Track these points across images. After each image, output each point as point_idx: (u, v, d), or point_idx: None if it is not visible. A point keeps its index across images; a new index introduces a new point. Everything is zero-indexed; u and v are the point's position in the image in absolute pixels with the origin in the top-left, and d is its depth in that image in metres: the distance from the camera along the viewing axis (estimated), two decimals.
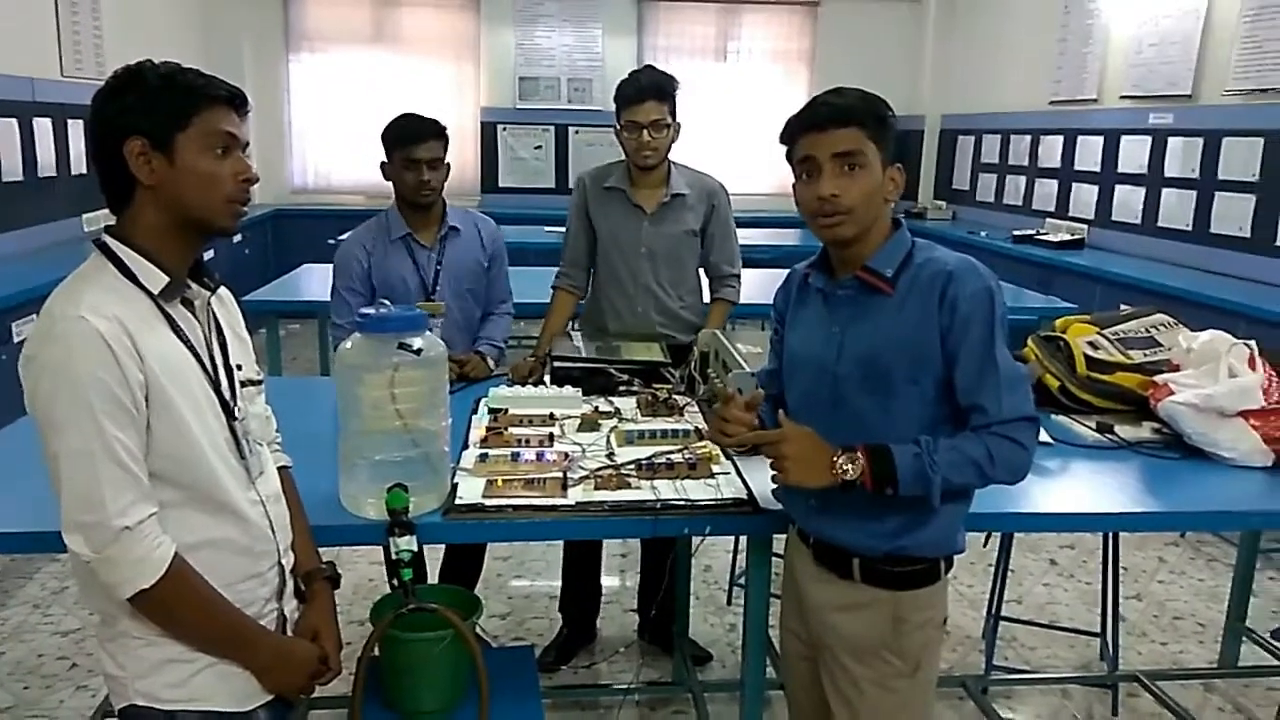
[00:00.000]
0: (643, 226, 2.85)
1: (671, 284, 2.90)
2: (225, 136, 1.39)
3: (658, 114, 2.73)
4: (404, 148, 2.64)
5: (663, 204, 2.85)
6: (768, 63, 8.39)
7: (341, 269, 2.74)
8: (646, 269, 2.86)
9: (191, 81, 1.38)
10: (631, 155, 2.80)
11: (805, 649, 1.79)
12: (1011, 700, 2.96)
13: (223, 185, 1.39)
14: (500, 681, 1.78)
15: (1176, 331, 2.57)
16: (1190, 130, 5.34)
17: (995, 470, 1.53)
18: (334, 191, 8.09)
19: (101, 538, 1.29)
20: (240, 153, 1.43)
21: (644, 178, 2.84)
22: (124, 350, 1.29)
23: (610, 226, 2.88)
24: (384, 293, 2.69)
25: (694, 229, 2.90)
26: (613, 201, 2.88)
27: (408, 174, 2.65)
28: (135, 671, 1.40)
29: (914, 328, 1.55)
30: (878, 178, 1.56)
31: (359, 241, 2.76)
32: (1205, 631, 3.38)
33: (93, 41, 5.55)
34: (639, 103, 2.72)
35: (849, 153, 1.54)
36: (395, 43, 8.02)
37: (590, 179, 2.94)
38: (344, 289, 2.73)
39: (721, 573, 3.63)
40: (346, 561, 3.20)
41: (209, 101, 1.38)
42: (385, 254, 2.73)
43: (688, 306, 2.95)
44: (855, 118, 1.54)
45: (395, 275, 2.72)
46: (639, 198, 2.86)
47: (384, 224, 2.77)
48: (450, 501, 1.84)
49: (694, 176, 2.93)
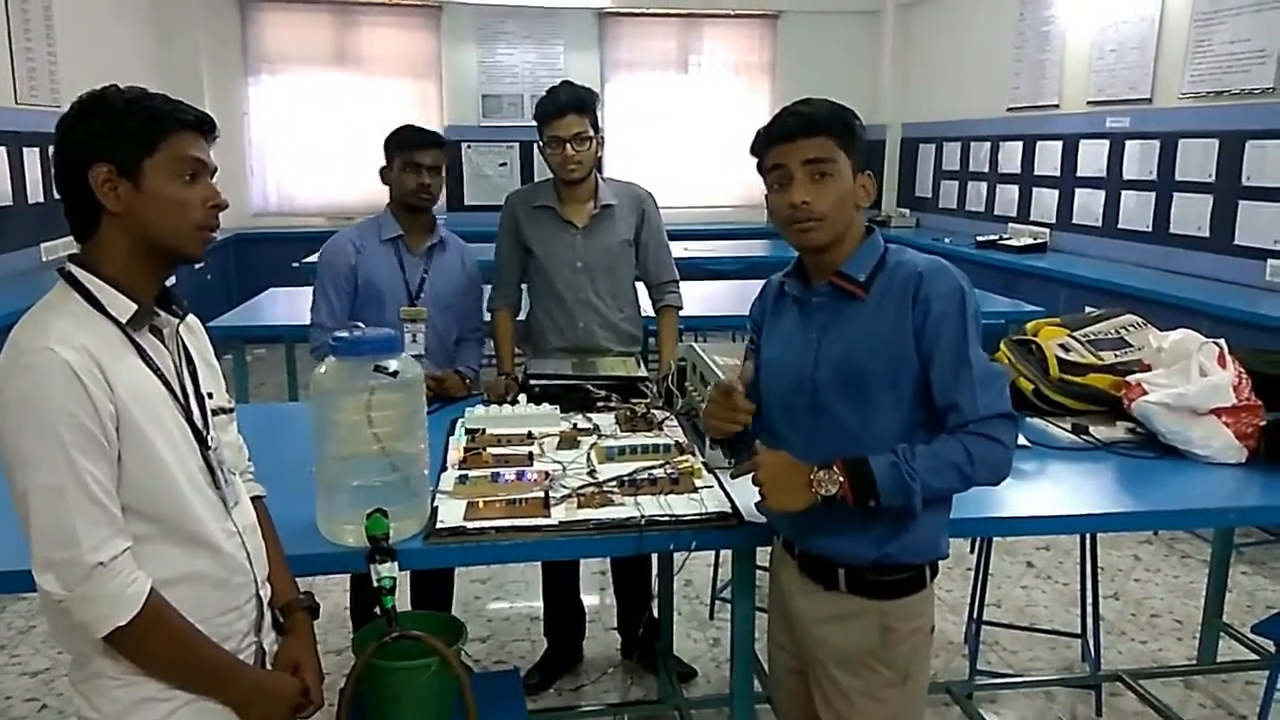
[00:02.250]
0: (575, 241, 2.84)
1: (610, 296, 2.89)
2: (193, 162, 1.37)
3: (579, 127, 2.72)
4: (407, 151, 2.71)
5: (593, 216, 2.85)
6: (730, 75, 8.45)
7: (328, 264, 2.75)
8: (584, 283, 2.85)
9: (158, 107, 1.36)
10: (557, 170, 2.80)
11: (793, 662, 1.78)
12: (996, 704, 2.97)
13: (191, 212, 1.36)
14: (486, 707, 1.75)
15: (1146, 332, 2.60)
16: (1147, 133, 5.45)
17: (976, 471, 1.53)
18: (297, 214, 8.01)
19: (74, 575, 1.25)
20: (209, 179, 1.40)
21: (571, 192, 2.84)
22: (94, 381, 1.25)
23: (543, 244, 2.86)
24: (366, 292, 2.73)
25: (627, 239, 2.90)
26: (543, 219, 2.86)
27: (408, 177, 2.70)
28: (110, 713, 1.35)
29: (889, 331, 1.55)
30: (848, 184, 1.58)
31: (348, 238, 2.79)
32: (1183, 628, 3.42)
33: (47, 68, 5.46)
34: (559, 117, 2.71)
35: (819, 160, 1.55)
36: (356, 63, 7.97)
37: (518, 199, 2.94)
38: (329, 285, 2.73)
39: (703, 587, 3.61)
40: (322, 590, 3.15)
41: (177, 127, 1.35)
42: (373, 253, 2.75)
43: (627, 318, 2.94)
44: (824, 127, 1.56)
45: (380, 275, 2.74)
46: (569, 213, 2.85)
47: (375, 225, 2.81)
48: (431, 525, 1.81)
49: (621, 187, 2.94)
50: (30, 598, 3.17)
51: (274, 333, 4.81)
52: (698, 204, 8.21)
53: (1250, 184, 4.72)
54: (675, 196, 7.93)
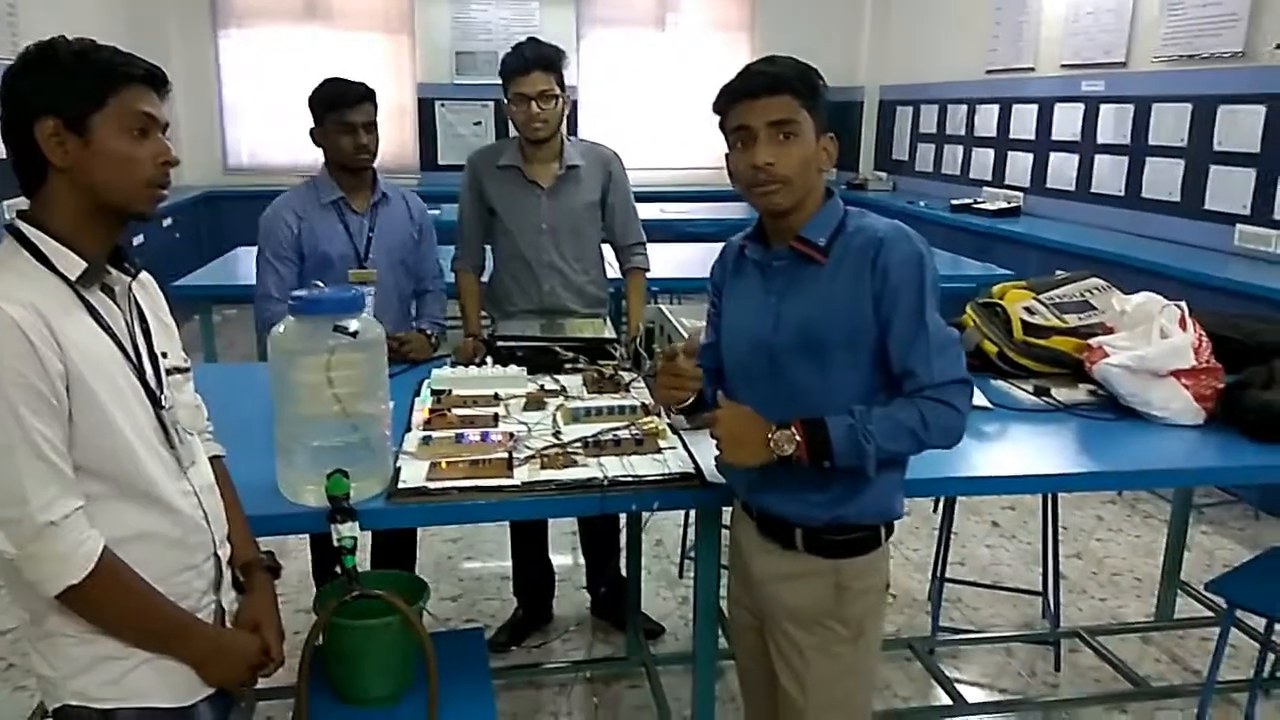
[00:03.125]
0: (541, 202, 2.81)
1: (575, 259, 2.86)
2: (143, 118, 1.33)
3: (545, 84, 2.67)
4: (337, 111, 2.58)
5: (559, 178, 2.81)
6: (707, 33, 8.36)
7: (269, 234, 2.64)
8: (549, 245, 2.82)
9: (108, 59, 1.32)
10: (521, 129, 2.74)
11: (752, 619, 1.80)
12: (957, 660, 3.02)
13: (140, 168, 1.33)
14: (449, 665, 1.77)
15: (1110, 295, 2.62)
16: (1121, 97, 5.45)
17: (930, 435, 1.54)
18: (269, 171, 7.88)
19: (24, 533, 1.25)
20: (160, 134, 1.37)
21: (537, 152, 2.79)
22: (41, 339, 1.23)
23: (507, 205, 2.82)
24: (314, 260, 2.63)
25: (593, 200, 2.87)
26: (508, 180, 2.82)
27: (343, 138, 2.59)
28: (67, 671, 1.36)
29: (847, 296, 1.55)
30: (812, 147, 1.56)
31: (288, 206, 2.67)
32: (1142, 586, 3.49)
33: (6, 19, 5.32)
34: (524, 74, 2.65)
35: (783, 121, 1.54)
36: (327, 18, 7.83)
37: (480, 159, 2.88)
38: (272, 256, 2.63)
39: (673, 547, 3.65)
40: (292, 550, 3.15)
41: (127, 80, 1.32)
42: (316, 219, 2.65)
43: (592, 280, 2.93)
44: (789, 86, 1.54)
45: (326, 241, 2.64)
46: (534, 173, 2.80)
47: (313, 189, 2.69)
48: (393, 485, 1.81)
49: (587, 147, 2.91)
50: None
51: (244, 292, 4.68)
52: (673, 165, 8.14)
53: (1221, 149, 4.75)
54: (651, 157, 7.89)
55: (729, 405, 1.62)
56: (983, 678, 2.94)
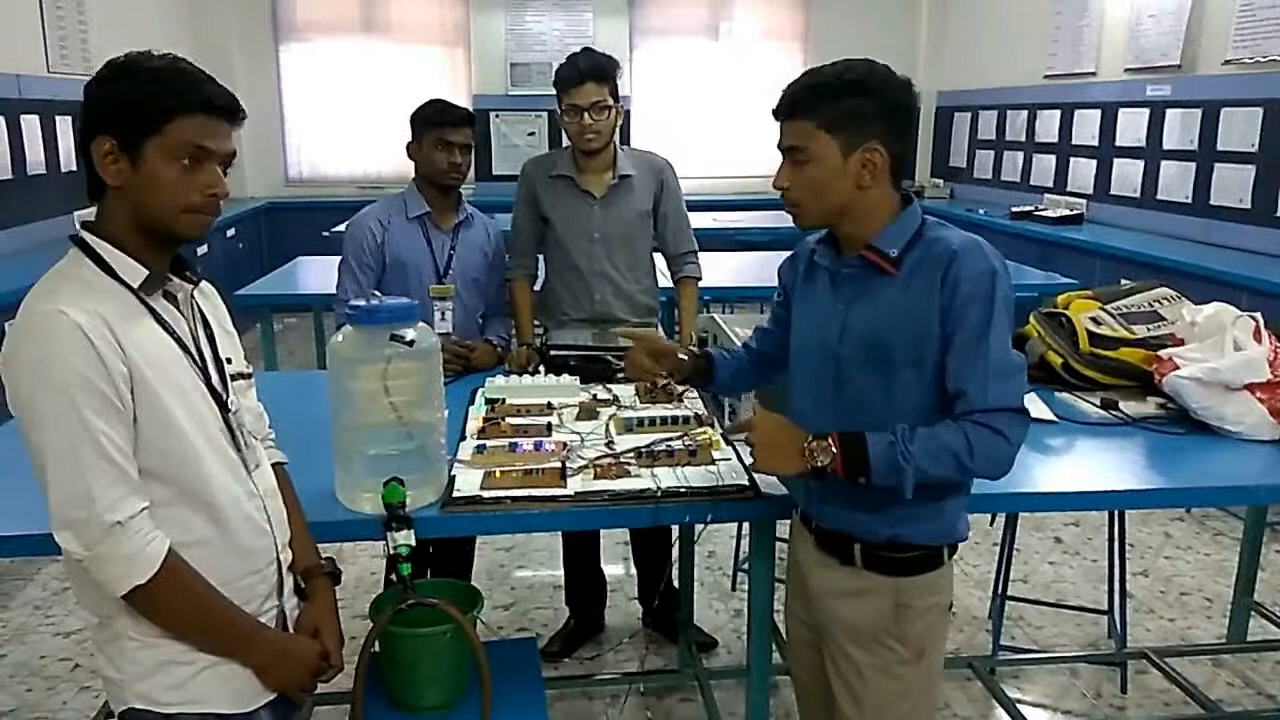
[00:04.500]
0: (593, 212, 2.81)
1: (627, 267, 2.85)
2: (195, 149, 1.31)
3: (598, 96, 2.67)
4: (438, 129, 2.65)
5: (611, 187, 2.81)
6: (761, 42, 8.31)
7: (352, 241, 2.72)
8: (600, 254, 2.82)
9: (175, 86, 1.31)
10: (574, 140, 2.75)
11: (810, 634, 1.76)
12: (1020, 680, 2.94)
13: (182, 195, 1.32)
14: (502, 674, 1.76)
15: (1180, 305, 2.54)
16: (1188, 101, 5.30)
17: (975, 462, 1.47)
18: (327, 183, 8.04)
19: (91, 534, 1.26)
20: (215, 166, 1.35)
21: (590, 162, 2.79)
22: (105, 343, 1.25)
23: (560, 214, 2.83)
24: (394, 270, 2.69)
25: (645, 209, 2.86)
26: (561, 189, 2.82)
27: (439, 155, 2.66)
28: (133, 674, 1.37)
29: (917, 308, 1.51)
30: (829, 168, 1.52)
31: (374, 215, 2.75)
32: (1213, 606, 3.37)
33: (79, 36, 5.50)
34: (578, 85, 2.66)
35: (792, 148, 1.55)
36: (385, 31, 7.95)
37: (535, 168, 2.89)
38: (354, 263, 2.70)
39: (726, 559, 3.61)
40: (348, 556, 3.19)
41: (186, 110, 1.31)
42: (400, 231, 2.72)
43: (644, 289, 2.91)
44: (800, 111, 1.53)
45: (408, 253, 2.71)
46: (586, 183, 2.81)
47: (401, 202, 2.77)
48: (448, 494, 1.81)
49: (640, 156, 2.90)
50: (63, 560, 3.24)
51: (303, 301, 4.85)
52: (726, 174, 8.12)
53: None
54: (703, 166, 7.88)
55: (764, 413, 1.61)
56: (1046, 699, 2.86)
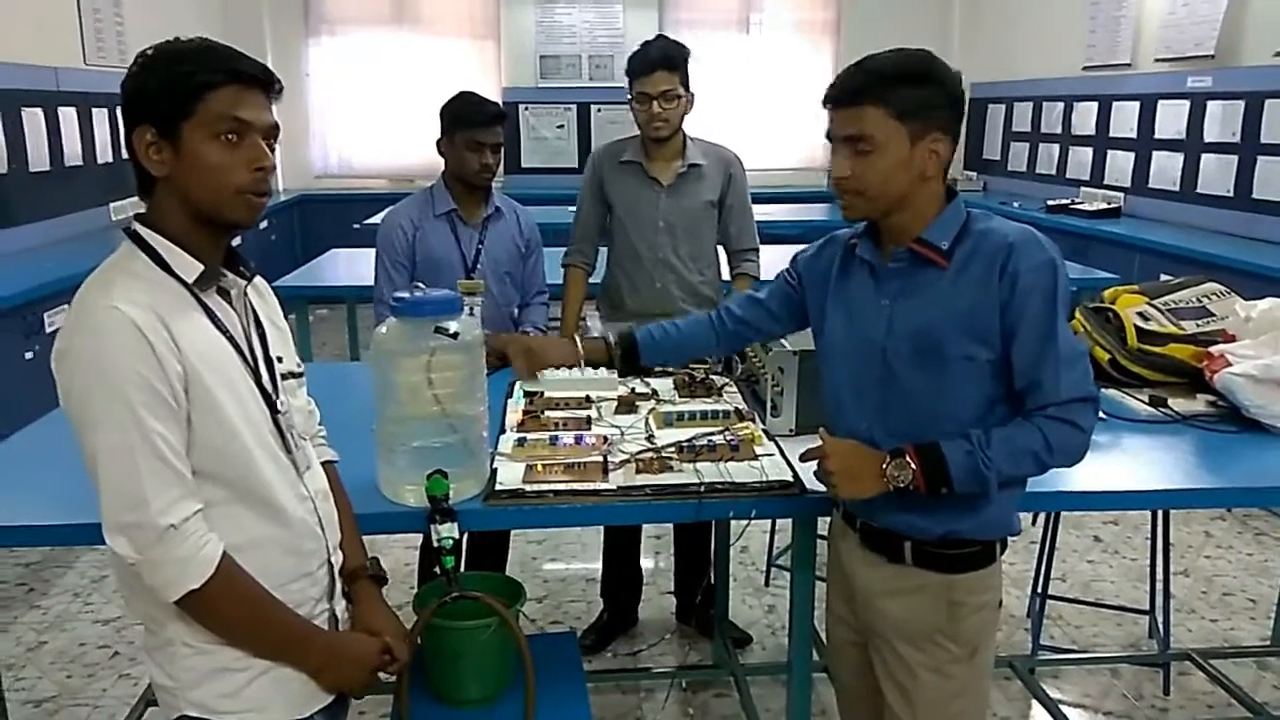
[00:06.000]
0: (659, 199, 2.81)
1: (691, 257, 2.85)
2: (233, 122, 1.27)
3: (668, 84, 2.68)
4: (470, 129, 2.62)
5: (679, 175, 2.81)
6: (792, 34, 8.24)
7: (385, 241, 2.72)
8: (665, 243, 2.82)
9: (199, 62, 1.26)
10: (643, 128, 2.76)
11: (854, 634, 1.74)
12: (1059, 680, 2.90)
13: (230, 176, 1.27)
14: (544, 667, 1.75)
15: (1231, 300, 2.48)
16: (1230, 93, 5.20)
17: (1053, 457, 1.47)
18: (357, 176, 8.07)
19: (145, 538, 1.23)
20: (258, 139, 1.29)
21: (659, 150, 2.80)
22: (161, 341, 1.22)
23: (626, 200, 2.83)
24: (424, 267, 2.68)
25: (711, 200, 2.85)
26: (628, 175, 2.83)
27: (471, 155, 2.63)
28: (186, 682, 1.33)
29: (971, 301, 1.48)
30: (897, 157, 1.48)
31: (404, 214, 2.74)
32: (1256, 607, 3.31)
33: (114, 29, 5.54)
34: (649, 74, 2.68)
35: (855, 137, 1.48)
36: (415, 23, 7.96)
37: (605, 154, 2.90)
38: (389, 263, 2.70)
39: (759, 554, 3.59)
40: (383, 547, 3.19)
41: (212, 85, 1.26)
42: (429, 228, 2.71)
43: (707, 281, 2.90)
44: (866, 97, 1.46)
45: (437, 250, 2.70)
46: (655, 170, 2.81)
47: (429, 199, 2.75)
48: (490, 487, 1.80)
49: (709, 147, 2.89)
50: (103, 548, 3.26)
51: (336, 293, 4.86)
52: (757, 167, 7.88)
53: None
54: None
55: (835, 441, 1.56)
56: (1086, 699, 2.82)
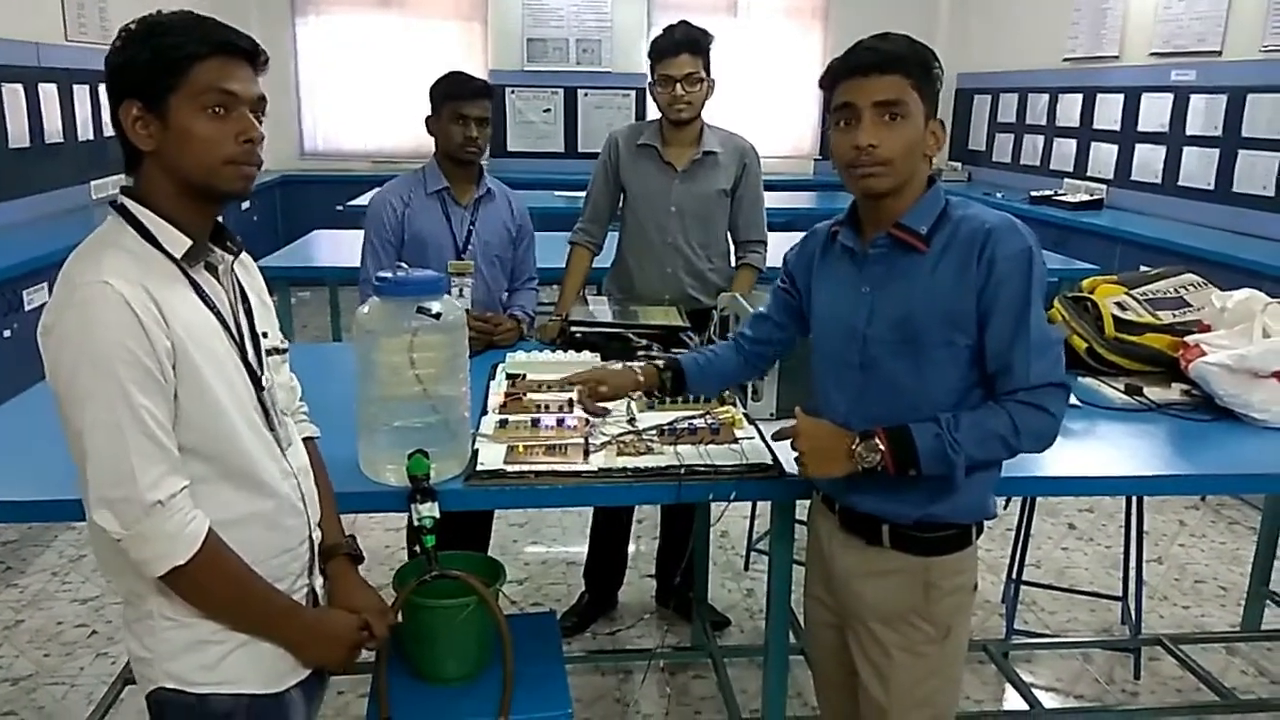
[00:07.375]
0: (673, 184, 2.82)
1: (701, 244, 2.86)
2: (220, 94, 1.26)
3: (691, 68, 2.71)
4: (455, 103, 2.62)
5: (694, 161, 2.82)
6: (780, 19, 8.23)
7: (374, 218, 2.70)
8: (675, 227, 2.83)
9: (191, 33, 1.26)
10: (665, 110, 2.78)
11: (831, 616, 1.76)
12: (1033, 664, 2.95)
13: (219, 148, 1.27)
14: (523, 647, 1.76)
15: (1207, 291, 2.52)
16: (1213, 87, 5.24)
17: (1021, 441, 1.49)
18: (342, 156, 8.02)
19: (132, 513, 1.23)
20: (245, 110, 1.29)
21: (677, 135, 2.81)
22: (149, 316, 1.22)
23: (639, 183, 2.85)
24: (413, 246, 2.67)
25: (725, 188, 2.86)
26: (644, 159, 2.85)
27: (455, 127, 2.62)
28: (164, 653, 1.34)
29: (949, 287, 1.50)
30: (919, 130, 1.50)
31: (394, 191, 2.72)
32: (1227, 595, 3.36)
33: (97, 4, 5.48)
34: (673, 56, 2.70)
35: (891, 102, 1.47)
36: (401, 5, 7.89)
37: (623, 137, 2.91)
38: (376, 240, 2.68)
39: (738, 538, 3.62)
40: (363, 528, 3.20)
41: (198, 56, 1.25)
42: (419, 207, 2.70)
43: (716, 269, 2.91)
44: (901, 66, 1.48)
45: (427, 229, 2.68)
46: (670, 155, 2.83)
47: (420, 178, 2.74)
48: (471, 468, 1.81)
49: (726, 136, 2.90)
50: (80, 526, 3.26)
51: (318, 275, 4.83)
52: None
53: None
54: None
55: (808, 420, 1.59)
56: (1058, 683, 2.86)
